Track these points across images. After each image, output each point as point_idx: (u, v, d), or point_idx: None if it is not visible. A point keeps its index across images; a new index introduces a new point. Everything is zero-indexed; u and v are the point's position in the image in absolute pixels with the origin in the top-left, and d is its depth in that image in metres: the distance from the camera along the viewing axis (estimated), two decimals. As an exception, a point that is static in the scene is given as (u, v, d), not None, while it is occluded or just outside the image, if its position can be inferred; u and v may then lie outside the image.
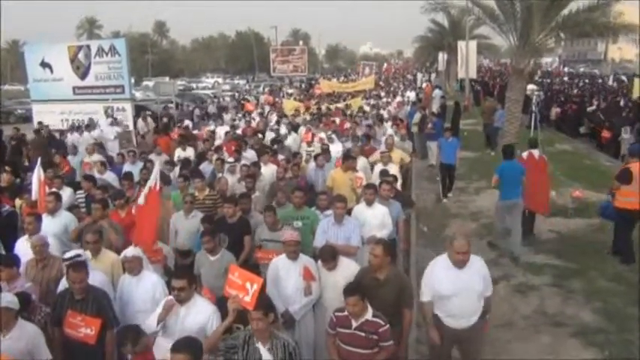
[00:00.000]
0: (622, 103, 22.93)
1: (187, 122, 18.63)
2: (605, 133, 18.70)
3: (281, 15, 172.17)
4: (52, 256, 5.71)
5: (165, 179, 8.96)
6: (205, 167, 10.18)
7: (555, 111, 23.64)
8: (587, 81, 40.23)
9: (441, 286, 4.85)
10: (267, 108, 23.31)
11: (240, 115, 19.42)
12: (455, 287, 4.80)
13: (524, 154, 9.94)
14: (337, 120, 16.07)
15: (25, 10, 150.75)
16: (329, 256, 5.32)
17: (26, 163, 13.12)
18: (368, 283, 4.88)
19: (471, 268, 4.84)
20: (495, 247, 9.43)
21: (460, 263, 4.77)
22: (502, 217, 9.33)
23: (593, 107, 21.94)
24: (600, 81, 39.69)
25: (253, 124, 16.31)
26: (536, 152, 9.85)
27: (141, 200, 6.11)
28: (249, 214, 7.09)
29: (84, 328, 4.61)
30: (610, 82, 36.24)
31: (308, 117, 17.18)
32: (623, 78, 37.56)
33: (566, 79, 43.71)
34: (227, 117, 18.51)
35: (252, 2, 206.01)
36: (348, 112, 18.66)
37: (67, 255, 5.23)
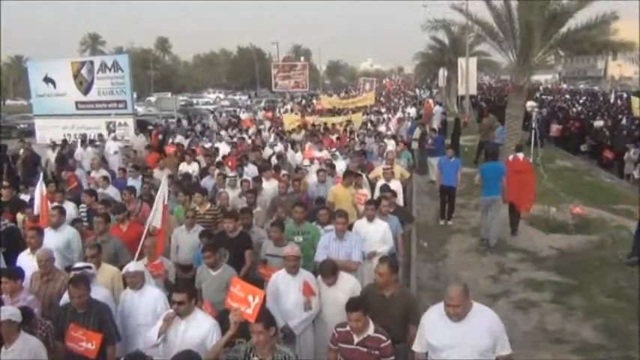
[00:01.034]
0: (624, 121, 22.78)
1: (180, 138, 18.20)
2: (607, 153, 18.58)
3: (282, 31, 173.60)
4: (56, 270, 5.73)
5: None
6: (207, 182, 10.23)
7: (556, 127, 23.64)
8: (588, 98, 40.26)
9: (432, 338, 4.24)
10: (267, 123, 23.39)
11: (235, 132, 19.27)
12: (448, 340, 4.14)
13: (511, 157, 11.17)
14: (336, 136, 16.08)
15: (29, 26, 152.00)
16: (329, 271, 5.33)
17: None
18: (374, 300, 4.88)
19: (472, 320, 4.12)
20: (484, 241, 10.43)
21: (452, 317, 4.09)
22: (485, 212, 10.45)
23: (600, 124, 21.75)
24: (602, 98, 39.67)
25: (248, 140, 16.13)
26: (520, 155, 11.00)
27: (158, 223, 6.18)
28: (250, 228, 7.11)
29: (85, 343, 4.62)
30: (612, 100, 36.15)
31: (304, 132, 17.13)
32: (625, 95, 37.52)
33: (567, 96, 43.64)
34: (224, 133, 18.34)
35: (254, 18, 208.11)
36: (349, 128, 18.67)
37: (77, 265, 5.28)
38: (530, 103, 17.64)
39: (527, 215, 11.07)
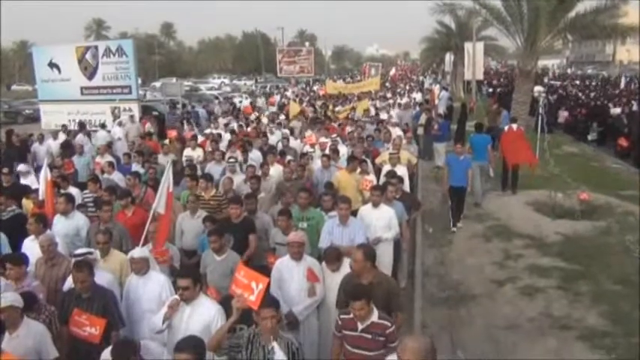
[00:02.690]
0: (635, 107, 21.82)
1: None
2: (622, 141, 17.85)
3: (287, 16, 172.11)
4: (60, 255, 5.74)
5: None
6: (212, 167, 10.20)
7: (563, 115, 23.18)
8: (599, 84, 39.43)
9: None
10: (272, 109, 23.26)
11: (230, 118, 18.77)
12: None
13: (506, 128, 12.97)
14: (338, 123, 15.88)
15: (33, 11, 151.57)
16: (333, 257, 5.33)
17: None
18: None
19: None
20: (479, 205, 11.83)
21: None
22: (475, 175, 11.48)
23: (617, 110, 20.88)
24: (612, 82, 38.76)
25: (249, 127, 15.87)
26: (514, 125, 12.92)
27: (162, 209, 6.14)
28: (255, 214, 7.09)
29: (89, 328, 4.62)
30: (622, 85, 35.26)
31: (303, 120, 16.79)
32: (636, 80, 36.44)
33: (577, 82, 42.70)
34: (222, 120, 17.94)
35: (259, 3, 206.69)
36: (351, 116, 18.35)
37: (78, 251, 5.27)
38: (537, 88, 17.47)
39: (535, 168, 12.50)
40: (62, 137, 14.77)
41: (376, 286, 4.90)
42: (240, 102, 27.95)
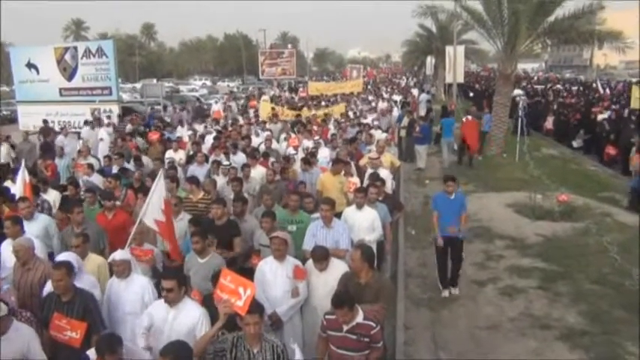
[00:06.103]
0: (625, 113, 20.12)
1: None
2: (610, 149, 16.64)
3: (269, 18, 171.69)
4: (37, 258, 5.61)
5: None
6: (195, 169, 10.14)
7: (550, 119, 22.81)
8: (581, 88, 39.45)
9: None
10: (252, 112, 23.05)
11: (205, 124, 17.70)
12: None
13: (464, 119, 16.25)
14: (317, 128, 15.73)
15: (10, 10, 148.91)
16: (321, 256, 5.33)
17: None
18: (351, 287, 4.94)
19: None
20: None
21: None
22: (444, 149, 16.38)
23: (605, 116, 19.44)
24: (594, 86, 38.66)
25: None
26: (470, 117, 16.37)
27: (155, 218, 6.08)
28: (243, 217, 7.04)
29: (69, 332, 4.55)
30: (601, 90, 34.99)
31: (280, 125, 16.50)
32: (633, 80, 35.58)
33: (559, 86, 42.68)
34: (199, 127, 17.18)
35: (241, 4, 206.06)
36: (333, 118, 18.08)
37: (59, 258, 5.18)
38: (516, 92, 17.74)
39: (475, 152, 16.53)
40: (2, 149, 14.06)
41: (371, 285, 4.96)
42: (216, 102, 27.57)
